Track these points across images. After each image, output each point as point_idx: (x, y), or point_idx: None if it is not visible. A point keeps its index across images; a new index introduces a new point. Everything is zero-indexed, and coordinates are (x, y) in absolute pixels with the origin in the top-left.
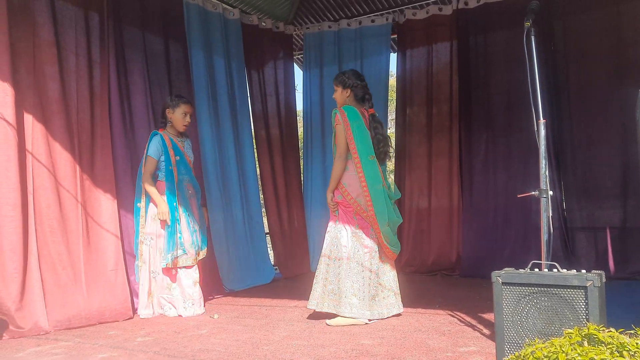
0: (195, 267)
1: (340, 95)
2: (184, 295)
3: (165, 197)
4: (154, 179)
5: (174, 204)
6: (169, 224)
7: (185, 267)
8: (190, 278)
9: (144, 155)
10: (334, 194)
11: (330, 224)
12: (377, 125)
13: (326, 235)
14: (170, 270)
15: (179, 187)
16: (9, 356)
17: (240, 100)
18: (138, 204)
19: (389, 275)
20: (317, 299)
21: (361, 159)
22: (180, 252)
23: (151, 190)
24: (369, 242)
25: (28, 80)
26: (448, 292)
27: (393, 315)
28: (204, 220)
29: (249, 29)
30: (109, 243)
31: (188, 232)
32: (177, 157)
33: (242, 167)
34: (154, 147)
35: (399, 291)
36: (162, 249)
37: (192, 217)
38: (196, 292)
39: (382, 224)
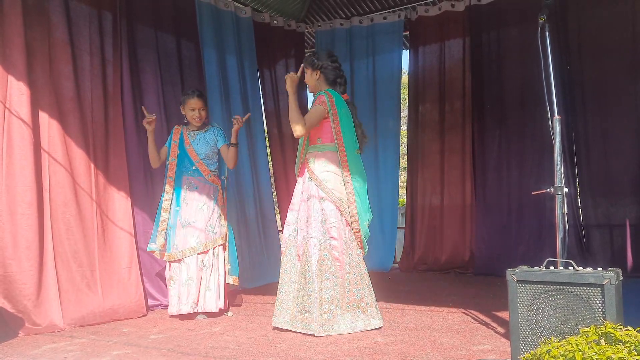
0: (190, 261)
1: (309, 77)
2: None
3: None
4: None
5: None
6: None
7: (174, 260)
8: (183, 272)
9: None
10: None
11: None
12: (353, 113)
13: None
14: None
15: (176, 181)
16: (25, 353)
17: (252, 98)
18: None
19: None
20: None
21: (347, 154)
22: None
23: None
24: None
25: (43, 79)
26: (462, 290)
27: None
28: (216, 213)
29: (261, 27)
30: (123, 241)
31: (179, 228)
32: (179, 152)
33: (255, 165)
34: (168, 139)
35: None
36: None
37: (188, 212)
38: (189, 287)
39: (362, 223)
